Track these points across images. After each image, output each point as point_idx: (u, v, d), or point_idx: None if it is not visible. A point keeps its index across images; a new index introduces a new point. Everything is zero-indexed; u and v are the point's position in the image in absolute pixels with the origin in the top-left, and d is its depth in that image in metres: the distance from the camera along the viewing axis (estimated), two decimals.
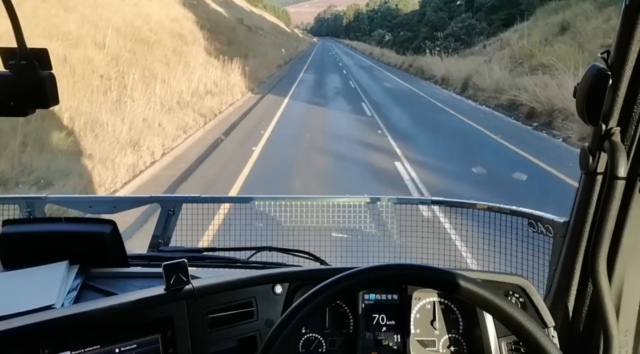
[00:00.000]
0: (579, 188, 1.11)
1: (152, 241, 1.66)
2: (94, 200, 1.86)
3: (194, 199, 1.74)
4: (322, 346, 1.17)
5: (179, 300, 1.06)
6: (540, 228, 1.41)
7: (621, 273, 1.05)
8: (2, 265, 1.29)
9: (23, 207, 1.68)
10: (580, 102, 1.00)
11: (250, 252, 1.53)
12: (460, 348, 1.18)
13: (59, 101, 0.90)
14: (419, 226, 1.73)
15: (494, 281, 1.19)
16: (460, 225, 1.73)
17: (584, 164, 1.06)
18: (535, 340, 0.84)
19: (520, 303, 1.17)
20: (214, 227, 1.85)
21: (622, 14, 0.93)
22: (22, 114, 0.88)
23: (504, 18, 32.85)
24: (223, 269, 1.45)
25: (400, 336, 1.17)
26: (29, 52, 0.85)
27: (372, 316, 1.18)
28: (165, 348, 1.04)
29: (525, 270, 1.51)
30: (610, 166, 0.94)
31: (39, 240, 1.32)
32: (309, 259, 1.51)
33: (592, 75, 0.97)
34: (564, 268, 1.17)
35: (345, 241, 1.77)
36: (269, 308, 1.14)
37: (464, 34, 34.59)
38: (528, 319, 0.85)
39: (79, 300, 1.15)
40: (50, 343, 0.95)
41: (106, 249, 1.32)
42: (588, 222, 1.09)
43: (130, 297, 1.05)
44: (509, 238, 1.58)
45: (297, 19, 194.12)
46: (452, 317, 1.19)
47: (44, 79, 0.86)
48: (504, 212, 1.59)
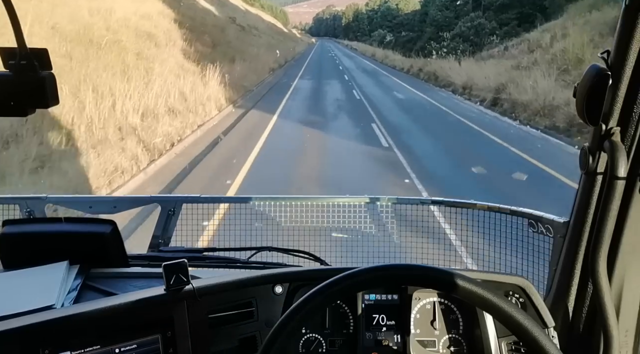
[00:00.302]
0: (579, 188, 1.11)
1: (152, 241, 1.66)
2: (94, 200, 1.86)
3: (194, 199, 1.74)
4: (322, 346, 1.17)
5: (179, 300, 1.06)
6: (540, 228, 1.41)
7: (621, 273, 1.05)
8: (2, 265, 1.29)
9: (23, 207, 1.68)
10: (580, 102, 1.00)
11: (250, 253, 1.53)
12: (460, 348, 1.18)
13: (59, 101, 0.90)
14: (419, 226, 1.73)
15: (494, 281, 1.19)
16: (460, 225, 1.73)
17: (584, 164, 1.06)
18: (535, 340, 0.84)
19: (520, 303, 1.17)
20: (214, 228, 1.85)
21: (622, 14, 0.93)
22: (22, 114, 0.88)
23: (514, 17, 31.37)
24: (223, 270, 1.45)
25: (400, 336, 1.17)
26: (29, 52, 0.85)
27: (372, 316, 1.18)
28: (165, 348, 1.04)
29: (525, 270, 1.51)
30: (610, 166, 0.94)
31: (39, 240, 1.32)
32: (309, 259, 1.51)
33: (592, 75, 0.97)
34: (564, 268, 1.17)
35: (345, 241, 1.77)
36: (269, 308, 1.14)
37: (472, 35, 32.10)
38: (528, 319, 0.85)
39: (79, 300, 1.15)
40: (50, 343, 0.95)
41: (106, 249, 1.32)
42: (588, 222, 1.09)
43: (130, 297, 1.05)
44: (509, 238, 1.58)
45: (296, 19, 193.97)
46: (452, 317, 1.19)
47: (44, 79, 0.87)
48: (504, 212, 1.59)
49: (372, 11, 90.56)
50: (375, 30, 72.37)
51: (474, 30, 32.43)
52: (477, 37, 31.57)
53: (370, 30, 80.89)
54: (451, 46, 30.91)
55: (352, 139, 10.58)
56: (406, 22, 57.09)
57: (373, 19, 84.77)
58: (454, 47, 30.33)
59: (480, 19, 33.29)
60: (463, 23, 33.87)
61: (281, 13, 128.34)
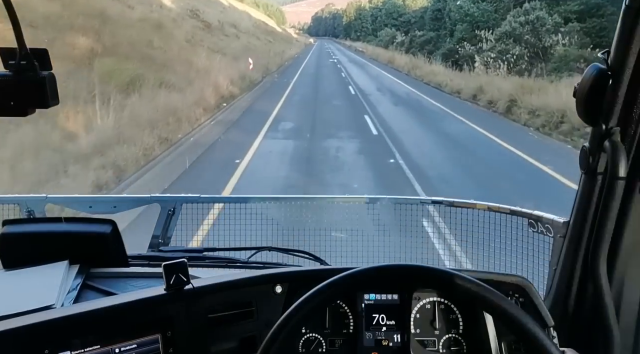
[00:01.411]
0: (579, 188, 1.11)
1: (152, 241, 1.66)
2: (94, 200, 1.86)
3: (194, 199, 1.74)
4: (322, 346, 1.17)
5: (179, 300, 1.06)
6: (540, 228, 1.41)
7: (621, 273, 1.05)
8: (2, 265, 1.29)
9: (23, 207, 1.68)
10: (580, 102, 1.00)
11: (250, 252, 1.53)
12: (460, 348, 1.18)
13: (59, 101, 0.90)
14: (419, 226, 1.73)
15: (494, 281, 1.19)
16: (460, 225, 1.73)
17: (584, 164, 1.06)
18: (535, 340, 0.84)
19: (520, 303, 1.17)
20: (214, 227, 1.85)
21: (622, 14, 0.93)
22: (22, 114, 0.88)
23: (576, 10, 21.84)
24: (223, 269, 1.45)
25: (400, 336, 1.17)
26: (29, 52, 0.85)
27: (372, 316, 1.18)
28: (165, 348, 1.04)
29: (525, 270, 1.51)
30: (610, 166, 0.94)
31: (39, 240, 1.32)
32: (309, 259, 1.51)
33: (592, 75, 0.98)
34: (564, 268, 1.17)
35: (345, 241, 1.77)
36: (269, 308, 1.14)
37: (529, 34, 21.25)
38: (528, 319, 0.85)
39: (79, 300, 1.15)
40: (50, 343, 0.95)
41: (106, 249, 1.33)
42: (588, 222, 1.09)
43: (130, 297, 1.05)
44: (509, 238, 1.58)
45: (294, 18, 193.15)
46: (452, 317, 1.19)
47: (44, 79, 0.87)
48: (504, 212, 1.59)
49: (376, 8, 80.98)
50: (380, 29, 64.78)
51: (530, 27, 21.45)
52: (535, 38, 21.04)
53: (374, 29, 74.16)
54: (498, 49, 21.47)
55: None
56: (414, 19, 50.33)
57: (377, 17, 76.77)
58: (502, 51, 21.11)
59: (539, 11, 21.87)
60: (515, 17, 22.57)
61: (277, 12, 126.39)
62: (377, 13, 78.67)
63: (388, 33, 54.28)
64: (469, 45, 24.77)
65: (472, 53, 23.33)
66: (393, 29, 56.17)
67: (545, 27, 21.13)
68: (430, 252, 1.73)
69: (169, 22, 20.06)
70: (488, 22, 26.05)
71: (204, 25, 24.34)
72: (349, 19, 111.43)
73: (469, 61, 22.37)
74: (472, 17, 27.77)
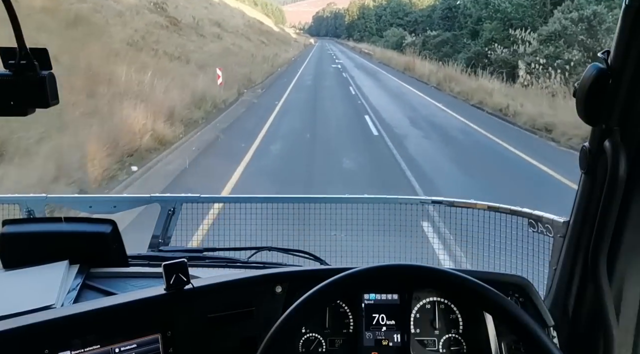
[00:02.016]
0: (579, 188, 1.11)
1: (152, 241, 1.66)
2: (93, 200, 1.86)
3: (194, 199, 1.74)
4: (322, 346, 1.17)
5: (179, 300, 1.06)
6: (540, 228, 1.41)
7: (621, 272, 1.05)
8: (2, 265, 1.29)
9: (23, 207, 1.68)
10: (580, 102, 1.00)
11: (250, 252, 1.53)
12: (460, 348, 1.18)
13: (59, 101, 0.90)
14: (419, 226, 1.73)
15: (493, 280, 1.19)
16: (460, 225, 1.73)
17: (584, 164, 1.06)
18: (535, 340, 0.84)
19: (520, 302, 1.17)
20: (214, 227, 1.85)
21: (622, 14, 0.93)
22: (22, 114, 0.88)
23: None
24: (223, 269, 1.45)
25: (400, 336, 1.17)
26: (28, 52, 0.86)
27: (372, 316, 1.18)
28: (165, 348, 1.04)
29: (525, 270, 1.51)
30: (610, 166, 0.94)
31: (39, 240, 1.32)
32: (309, 259, 1.51)
33: (592, 75, 0.97)
34: (564, 268, 1.17)
35: (345, 241, 1.77)
36: (269, 308, 1.14)
37: (584, 33, 16.70)
38: (528, 319, 0.85)
39: (79, 300, 1.15)
40: (50, 343, 0.95)
41: (106, 249, 1.33)
42: (588, 222, 1.09)
43: (130, 297, 1.05)
44: (509, 238, 1.58)
45: (295, 18, 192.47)
46: (452, 317, 1.19)
47: (44, 79, 0.87)
48: (504, 212, 1.59)
49: (380, 7, 76.39)
50: (385, 29, 59.79)
51: (585, 26, 16.80)
52: (591, 38, 16.49)
53: (378, 29, 68.86)
54: (546, 54, 16.91)
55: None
56: (421, 19, 45.99)
57: (381, 16, 72.38)
58: (550, 56, 16.62)
59: (595, 6, 17.27)
60: (563, 13, 18.07)
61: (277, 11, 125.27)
62: (381, 12, 74.45)
63: (395, 33, 48.80)
64: (501, 47, 20.11)
65: (509, 57, 18.83)
66: (399, 28, 51.55)
67: (604, 25, 16.31)
68: (430, 252, 1.73)
69: (111, 17, 14.31)
70: (524, 20, 21.12)
71: (169, 22, 18.05)
72: (351, 19, 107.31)
73: (504, 67, 17.69)
74: (503, 13, 22.47)
